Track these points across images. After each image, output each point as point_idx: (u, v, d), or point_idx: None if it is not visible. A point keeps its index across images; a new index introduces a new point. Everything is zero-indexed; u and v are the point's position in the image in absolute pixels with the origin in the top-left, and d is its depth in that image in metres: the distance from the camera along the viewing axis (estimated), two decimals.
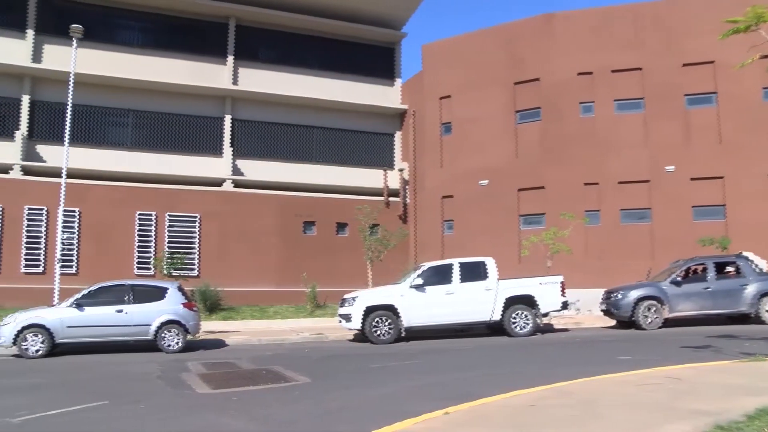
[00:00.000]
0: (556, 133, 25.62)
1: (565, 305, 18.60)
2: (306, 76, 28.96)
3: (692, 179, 24.24)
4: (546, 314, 18.77)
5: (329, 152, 29.27)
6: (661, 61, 24.93)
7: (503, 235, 25.50)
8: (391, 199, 29.03)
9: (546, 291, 18.35)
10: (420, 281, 17.95)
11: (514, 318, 17.97)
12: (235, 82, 27.91)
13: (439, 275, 18.13)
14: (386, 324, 17.49)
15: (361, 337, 17.97)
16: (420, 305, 17.71)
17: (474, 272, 18.22)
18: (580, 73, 25.53)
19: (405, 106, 30.15)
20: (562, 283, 18.49)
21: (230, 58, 27.92)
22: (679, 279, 19.21)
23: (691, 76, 24.71)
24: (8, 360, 15.68)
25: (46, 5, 26.01)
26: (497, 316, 17.97)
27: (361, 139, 29.94)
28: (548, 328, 19.79)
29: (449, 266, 18.34)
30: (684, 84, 24.77)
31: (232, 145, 27.60)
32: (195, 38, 28.03)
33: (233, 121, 27.89)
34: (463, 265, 18.29)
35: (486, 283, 18.07)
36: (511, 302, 18.02)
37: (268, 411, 8.92)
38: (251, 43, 28.70)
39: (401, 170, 29.62)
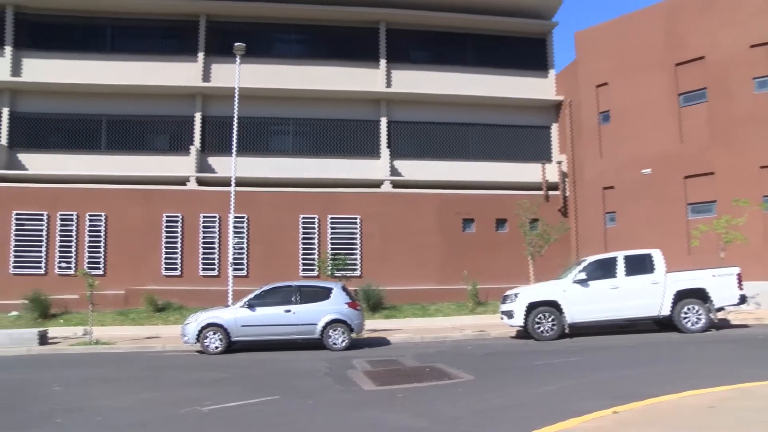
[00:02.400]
0: (726, 113, 23.90)
1: (742, 299, 17.27)
2: (458, 74, 28.96)
3: None
4: (720, 309, 17.50)
5: (485, 148, 29.08)
6: None
7: (669, 226, 24.17)
8: (551, 192, 28.39)
9: (720, 284, 17.16)
10: (583, 276, 17.42)
11: (685, 313, 16.97)
12: (388, 85, 28.43)
13: (603, 269, 17.50)
14: (549, 320, 17.13)
15: (524, 333, 17.71)
16: (584, 300, 17.18)
17: (640, 265, 17.42)
18: (752, 45, 23.56)
19: (560, 97, 29.39)
20: (739, 275, 17.22)
21: (383, 62, 28.49)
22: None
23: None
24: (193, 355, 16.88)
25: (212, 29, 27.80)
26: (666, 311, 17.07)
27: (517, 134, 29.50)
28: (724, 324, 18.49)
29: (613, 260, 17.67)
30: None
31: (389, 146, 28.13)
32: (348, 45, 28.86)
33: (389, 123, 28.41)
34: (628, 258, 17.55)
35: (653, 276, 17.22)
36: (681, 296, 17.03)
37: (433, 407, 8.99)
38: (402, 45, 29.12)
39: (559, 163, 28.90)
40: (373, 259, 26.27)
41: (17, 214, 25.33)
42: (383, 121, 28.35)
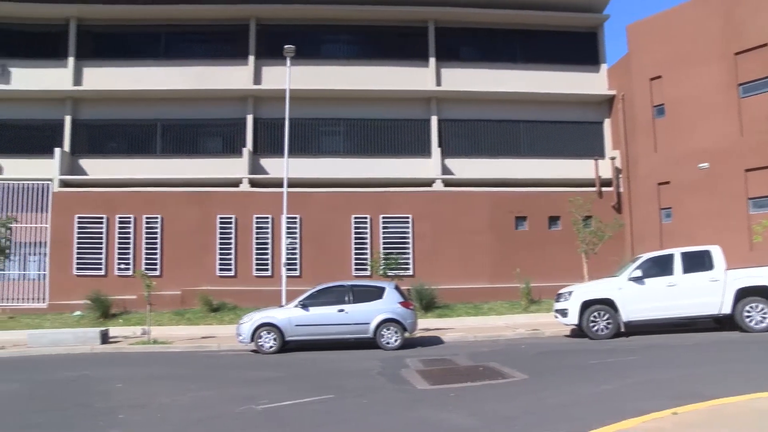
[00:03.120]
0: None
1: None
2: (508, 71, 28.72)
3: None
4: None
5: (537, 145, 28.77)
6: None
7: (729, 221, 23.52)
8: (604, 189, 27.94)
9: None
10: (639, 273, 17.10)
11: (748, 311, 16.44)
12: (438, 83, 28.37)
13: (660, 266, 17.13)
14: (604, 318, 16.87)
15: (578, 332, 17.47)
16: (639, 298, 16.85)
17: (698, 262, 16.98)
18: None
19: (612, 92, 28.87)
20: None
21: (432, 60, 28.43)
22: None
23: None
24: (248, 355, 17.14)
25: (262, 32, 28.17)
26: (726, 309, 16.60)
27: (569, 130, 29.11)
28: None
29: (670, 257, 17.29)
30: None
31: (439, 145, 28.06)
32: (397, 44, 28.88)
33: (439, 121, 28.34)
34: (685, 255, 17.15)
35: (712, 273, 16.78)
36: (743, 294, 16.51)
37: (487, 407, 8.96)
38: (451, 43, 29.03)
39: (613, 158, 28.43)
40: (425, 258, 26.26)
41: (79, 218, 26.10)
42: (434, 120, 28.30)
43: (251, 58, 27.95)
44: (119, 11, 27.91)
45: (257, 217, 26.14)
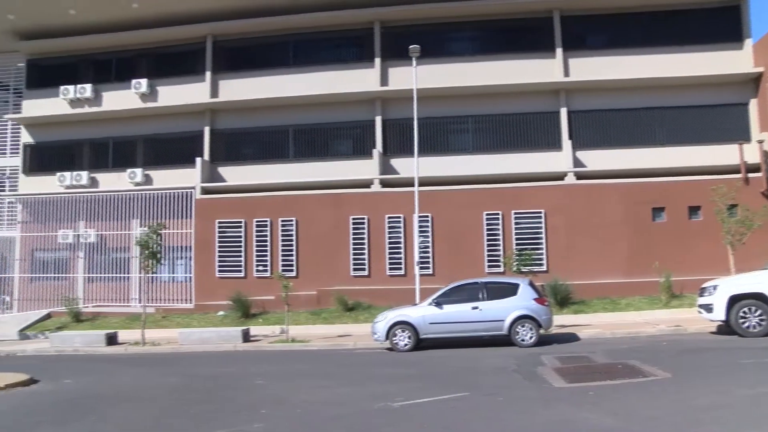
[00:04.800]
0: None
1: None
2: (639, 56, 27.38)
3: None
4: None
5: (673, 132, 27.36)
6: None
7: None
8: (750, 175, 26.18)
9: None
10: None
11: None
12: (566, 74, 27.60)
13: None
14: (755, 314, 15.76)
15: (726, 329, 16.44)
16: None
17: None
18: None
19: (760, 69, 26.93)
20: None
21: (558, 51, 27.67)
22: None
23: None
24: (383, 353, 17.43)
25: (387, 34, 28.46)
26: None
27: (708, 114, 27.48)
28: None
29: None
30: None
31: (570, 137, 27.28)
32: (521, 37, 28.33)
33: (569, 113, 27.55)
34: None
35: None
36: None
37: (627, 406, 8.66)
38: (577, 31, 28.13)
39: (760, 142, 26.56)
40: (558, 254, 25.65)
41: (219, 222, 27.46)
42: (563, 112, 27.56)
43: (377, 61, 28.34)
44: (249, 25, 29.06)
45: (389, 217, 26.47)
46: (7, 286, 30.60)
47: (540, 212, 25.96)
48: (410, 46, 23.26)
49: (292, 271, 26.26)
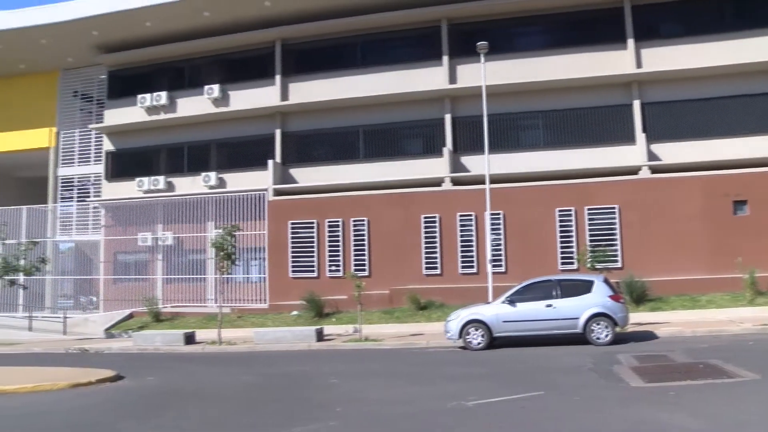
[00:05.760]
0: None
1: None
2: (715, 43, 26.16)
3: None
4: None
5: (755, 121, 26.06)
6: None
7: None
8: None
9: None
10: None
11: None
12: (639, 65, 26.78)
13: None
14: None
15: None
16: None
17: None
18: None
19: None
20: None
21: (630, 42, 26.85)
22: None
23: None
24: (456, 351, 17.39)
25: (454, 32, 28.33)
26: None
27: None
28: None
29: None
30: None
31: (644, 130, 26.50)
32: (590, 29, 27.57)
33: (642, 105, 26.76)
34: None
35: None
36: None
37: (711, 409, 8.37)
38: (650, 20, 27.24)
39: None
40: (633, 249, 24.97)
41: (292, 223, 27.88)
42: (636, 104, 26.76)
43: (445, 59, 28.23)
44: (317, 27, 29.39)
45: (460, 215, 26.32)
46: (93, 287, 31.99)
47: (614, 207, 25.34)
48: (478, 43, 23.09)
49: (364, 270, 26.41)
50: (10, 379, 14.22)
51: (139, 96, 31.31)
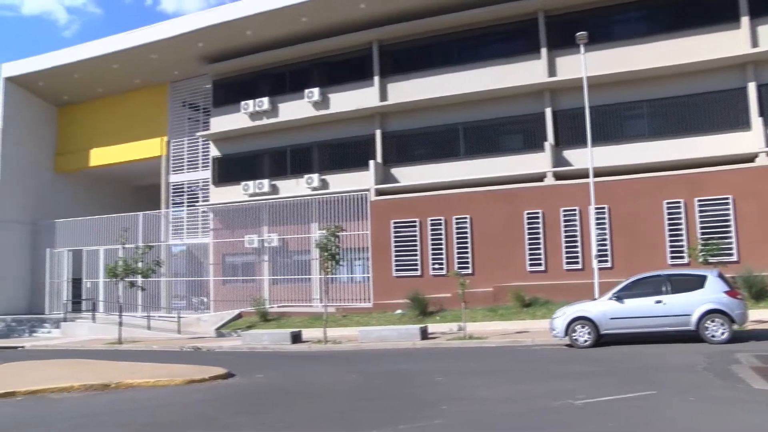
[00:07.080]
0: None
1: None
2: None
3: None
4: None
5: None
6: None
7: None
8: None
9: None
10: None
11: None
12: (755, 45, 25.18)
13: None
14: None
15: None
16: None
17: None
18: None
19: None
20: None
21: (745, 19, 25.11)
22: None
23: None
24: (562, 349, 17.10)
25: (551, 24, 27.74)
26: None
27: None
28: None
29: None
30: None
31: (761, 114, 24.99)
32: (694, 11, 26.07)
33: (758, 87, 25.13)
34: None
35: None
36: None
37: None
38: None
39: None
40: (751, 242, 23.66)
41: (394, 223, 28.08)
42: (751, 86, 25.06)
43: (543, 51, 27.71)
44: (413, 27, 29.51)
45: (564, 210, 25.78)
46: (204, 288, 33.35)
47: (727, 198, 24.11)
48: (577, 33, 22.55)
49: (467, 268, 26.30)
50: (134, 374, 15.18)
51: (243, 103, 32.44)
